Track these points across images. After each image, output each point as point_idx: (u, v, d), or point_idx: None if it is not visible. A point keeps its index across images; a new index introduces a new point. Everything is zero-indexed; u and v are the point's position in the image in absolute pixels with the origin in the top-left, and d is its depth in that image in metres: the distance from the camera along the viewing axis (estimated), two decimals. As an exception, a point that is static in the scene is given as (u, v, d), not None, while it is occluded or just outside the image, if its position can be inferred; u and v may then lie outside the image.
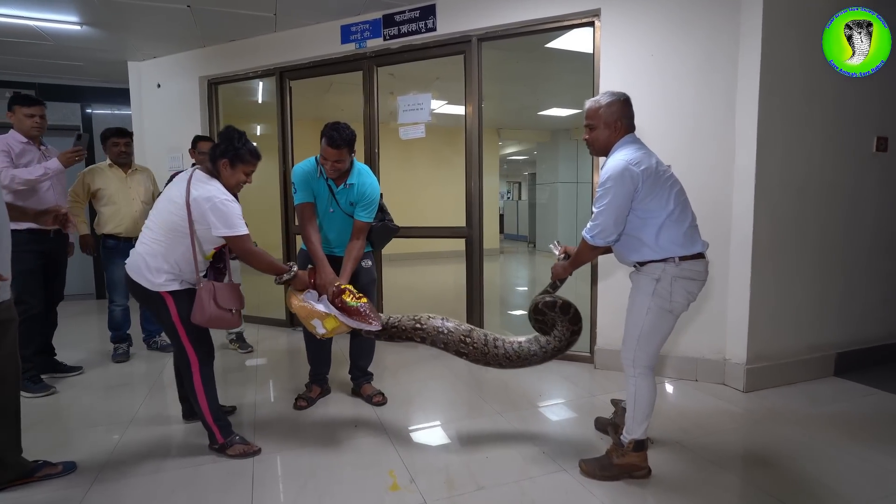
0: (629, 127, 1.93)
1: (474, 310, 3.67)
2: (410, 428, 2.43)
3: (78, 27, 3.91)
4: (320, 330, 2.15)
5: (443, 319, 2.22)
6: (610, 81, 3.03)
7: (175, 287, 2.04)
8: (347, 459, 2.12)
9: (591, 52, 3.16)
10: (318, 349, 2.71)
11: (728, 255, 2.87)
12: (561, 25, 3.24)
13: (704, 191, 2.88)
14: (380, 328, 2.19)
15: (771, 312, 2.85)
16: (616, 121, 1.90)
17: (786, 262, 2.88)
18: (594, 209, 1.87)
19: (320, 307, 2.18)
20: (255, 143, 2.13)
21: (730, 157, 2.83)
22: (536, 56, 4.84)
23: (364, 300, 2.25)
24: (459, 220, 3.71)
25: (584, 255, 2.01)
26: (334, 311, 2.18)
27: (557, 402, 2.74)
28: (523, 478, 1.96)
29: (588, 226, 1.90)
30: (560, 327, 2.14)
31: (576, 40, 3.80)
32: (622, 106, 1.91)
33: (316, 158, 2.47)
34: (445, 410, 2.65)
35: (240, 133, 2.08)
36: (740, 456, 2.19)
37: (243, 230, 2.02)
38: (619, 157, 1.83)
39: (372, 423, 2.45)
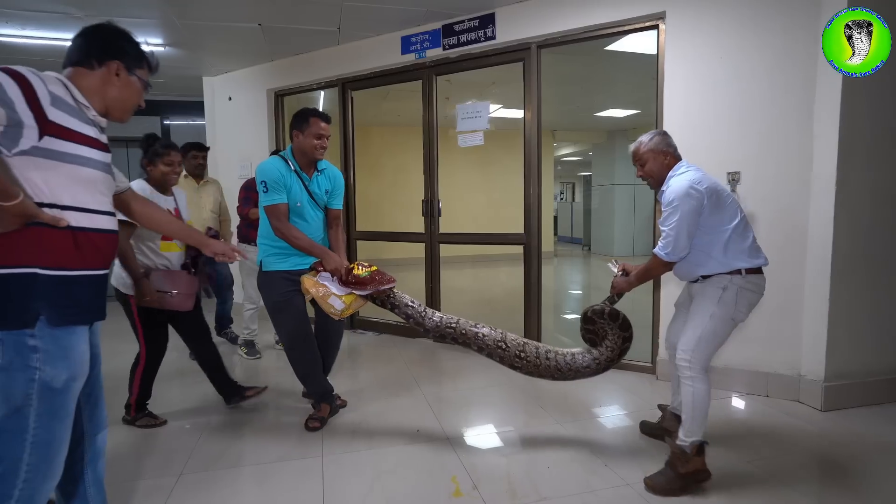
0: (677, 157, 2.09)
1: (531, 315, 3.66)
2: (471, 434, 2.47)
3: (162, 48, 4.23)
4: (339, 305, 2.22)
5: (502, 333, 2.25)
6: (675, 84, 2.95)
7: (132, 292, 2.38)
8: (411, 464, 2.19)
9: (655, 53, 3.08)
10: (310, 363, 2.53)
11: (804, 266, 2.72)
12: (623, 30, 3.18)
13: (777, 199, 2.75)
14: (394, 283, 2.25)
15: (853, 327, 2.67)
16: (664, 150, 2.07)
17: (870, 274, 2.70)
18: (663, 228, 1.98)
19: (333, 288, 2.24)
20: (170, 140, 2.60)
21: (807, 162, 2.68)
22: (595, 58, 4.76)
23: (374, 267, 2.29)
24: (513, 222, 3.72)
25: (655, 272, 2.13)
26: (348, 290, 2.22)
27: (618, 413, 2.70)
28: (585, 490, 1.95)
29: (660, 244, 2.00)
30: (611, 337, 2.17)
31: (637, 42, 3.72)
32: (664, 137, 2.09)
33: (281, 155, 2.45)
34: (505, 418, 2.67)
35: (155, 136, 2.54)
36: (817, 480, 2.07)
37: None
38: (681, 180, 1.96)
39: (433, 429, 2.51)
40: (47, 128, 1.16)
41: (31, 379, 1.16)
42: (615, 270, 2.26)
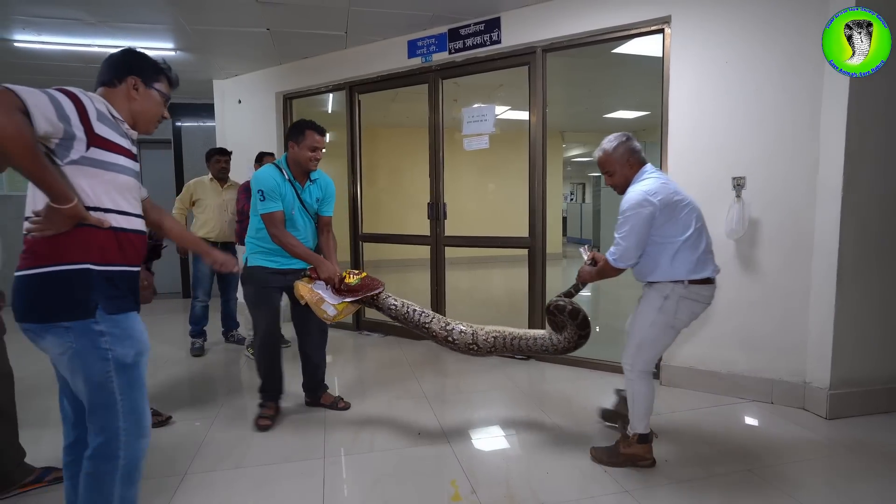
0: (642, 161, 2.13)
1: (535, 318, 3.65)
2: (472, 438, 2.48)
3: (173, 52, 4.30)
4: (331, 311, 2.32)
5: (473, 334, 2.32)
6: (680, 89, 2.94)
7: None
8: (411, 466, 2.21)
9: (661, 56, 3.07)
10: (273, 362, 2.62)
11: (809, 271, 2.69)
12: (628, 34, 3.17)
13: (784, 203, 2.74)
14: (383, 287, 2.38)
15: (859, 334, 2.64)
16: (627, 159, 2.11)
17: (877, 280, 2.66)
18: (616, 235, 2.06)
19: (326, 296, 2.34)
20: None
21: (814, 166, 2.66)
22: (602, 61, 4.75)
23: (364, 273, 2.43)
24: (519, 224, 3.72)
25: (607, 274, 2.18)
26: (341, 299, 2.34)
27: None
28: (584, 496, 1.96)
29: (612, 250, 2.09)
30: (569, 330, 2.28)
31: (645, 45, 3.70)
32: (627, 143, 2.12)
33: (276, 164, 2.55)
34: (507, 422, 2.68)
35: None
36: (820, 489, 2.06)
37: None
38: (638, 189, 2.03)
39: (434, 432, 2.53)
40: (94, 140, 1.32)
41: (104, 358, 1.35)
42: (585, 257, 2.32)
